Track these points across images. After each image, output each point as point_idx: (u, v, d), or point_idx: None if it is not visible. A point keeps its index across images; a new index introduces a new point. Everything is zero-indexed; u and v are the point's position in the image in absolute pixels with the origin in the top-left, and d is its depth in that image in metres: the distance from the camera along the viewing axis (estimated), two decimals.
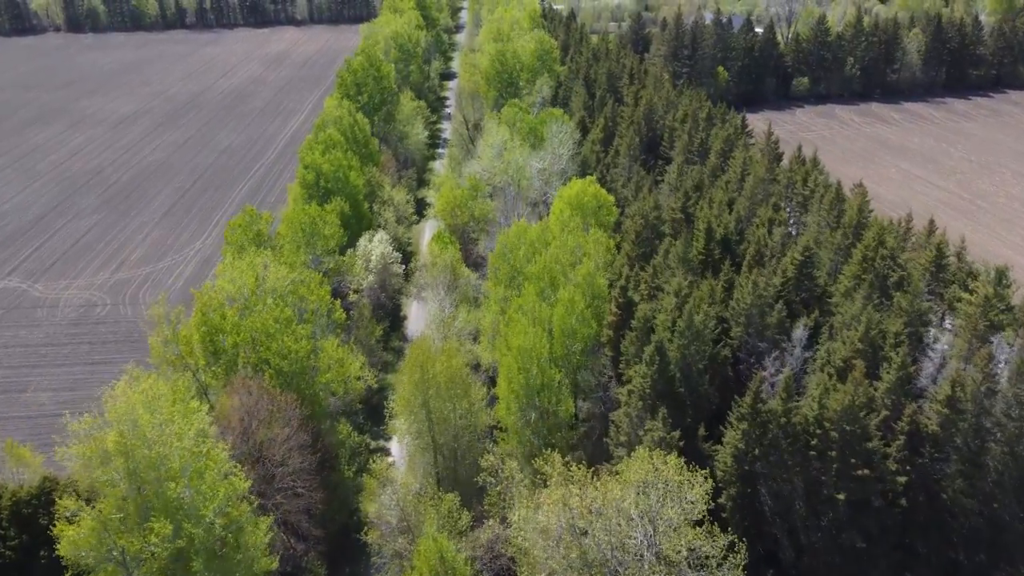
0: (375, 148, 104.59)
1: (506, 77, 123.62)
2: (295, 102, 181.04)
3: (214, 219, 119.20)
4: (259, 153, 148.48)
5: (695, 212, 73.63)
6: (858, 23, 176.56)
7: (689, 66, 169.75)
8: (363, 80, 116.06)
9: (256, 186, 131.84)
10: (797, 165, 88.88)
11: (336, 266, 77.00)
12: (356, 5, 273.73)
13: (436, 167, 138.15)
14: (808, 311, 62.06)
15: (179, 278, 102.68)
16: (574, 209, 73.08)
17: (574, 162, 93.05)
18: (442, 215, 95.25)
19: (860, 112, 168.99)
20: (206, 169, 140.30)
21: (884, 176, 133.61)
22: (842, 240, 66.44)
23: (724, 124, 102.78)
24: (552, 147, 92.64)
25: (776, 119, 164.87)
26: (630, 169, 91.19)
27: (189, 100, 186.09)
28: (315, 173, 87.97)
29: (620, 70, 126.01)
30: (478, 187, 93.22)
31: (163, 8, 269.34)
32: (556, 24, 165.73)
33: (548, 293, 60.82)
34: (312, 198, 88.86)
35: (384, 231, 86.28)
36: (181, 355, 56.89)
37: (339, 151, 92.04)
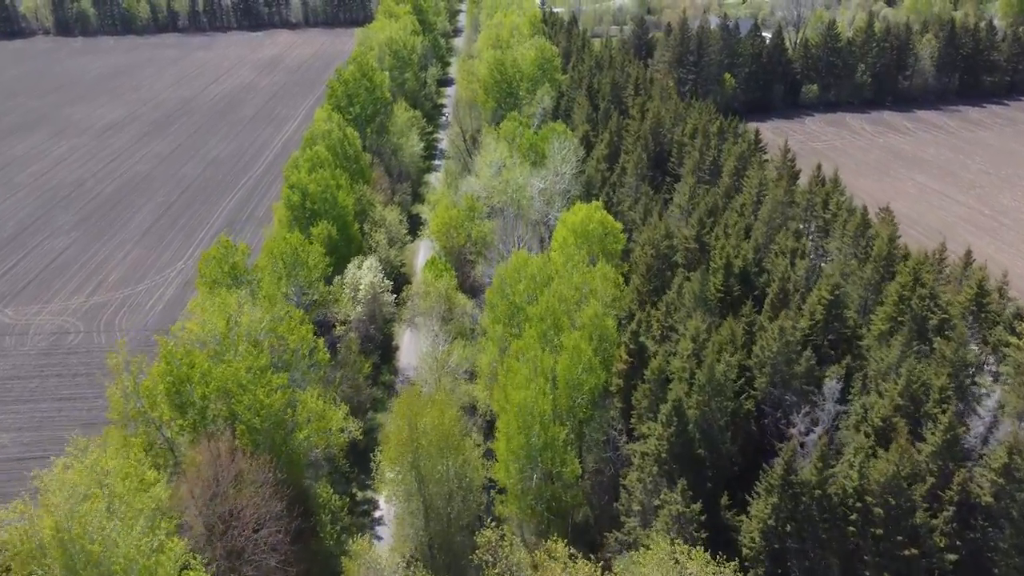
0: (366, 164, 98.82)
1: (505, 87, 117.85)
2: (288, 109, 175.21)
3: (198, 237, 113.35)
4: (248, 163, 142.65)
5: (710, 241, 67.83)
6: (869, 28, 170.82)
7: (695, 73, 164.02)
8: (354, 91, 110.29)
9: (243, 200, 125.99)
10: (816, 186, 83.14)
11: (321, 297, 71.16)
12: (352, 8, 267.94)
13: (432, 180, 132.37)
14: (838, 355, 56.34)
15: (158, 302, 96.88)
16: (578, 237, 67.31)
17: (577, 181, 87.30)
18: (437, 236, 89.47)
19: (872, 121, 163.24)
20: (192, 181, 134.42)
21: (900, 190, 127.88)
22: (872, 275, 60.66)
23: (736, 139, 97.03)
24: (554, 164, 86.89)
25: (785, 128, 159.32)
26: (637, 189, 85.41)
27: (178, 107, 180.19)
28: (301, 194, 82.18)
29: (624, 80, 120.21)
30: (475, 207, 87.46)
31: (154, 11, 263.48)
32: (557, 30, 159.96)
33: (551, 335, 55.03)
34: (297, 220, 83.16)
35: (374, 256, 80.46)
36: (144, 409, 51.09)
37: (327, 170, 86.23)
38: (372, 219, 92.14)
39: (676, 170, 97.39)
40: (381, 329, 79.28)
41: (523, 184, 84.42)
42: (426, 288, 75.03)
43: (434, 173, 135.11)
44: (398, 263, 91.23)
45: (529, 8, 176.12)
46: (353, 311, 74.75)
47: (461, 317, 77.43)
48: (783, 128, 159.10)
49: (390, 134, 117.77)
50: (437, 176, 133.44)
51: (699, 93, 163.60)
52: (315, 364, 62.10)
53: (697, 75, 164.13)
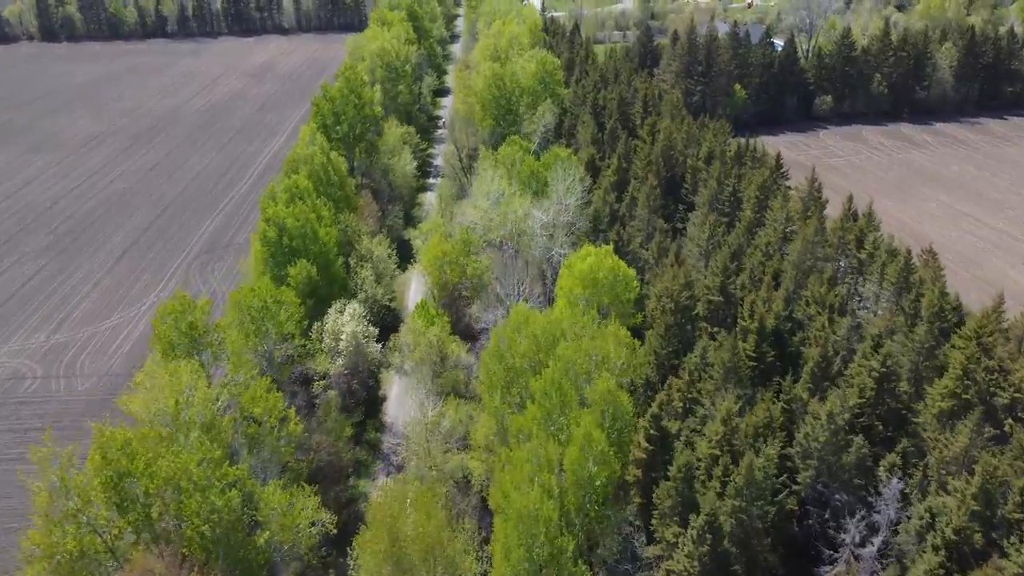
0: (352, 191, 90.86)
1: (504, 103, 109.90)
2: (277, 119, 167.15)
3: (173, 265, 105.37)
4: (233, 180, 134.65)
5: (735, 291, 59.91)
6: (885, 36, 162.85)
7: (703, 84, 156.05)
8: (341, 108, 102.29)
9: (225, 222, 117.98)
10: (848, 220, 75.20)
11: (296, 352, 63.24)
12: (346, 13, 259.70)
13: (427, 200, 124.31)
14: (889, 434, 48.47)
15: (125, 341, 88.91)
16: (586, 287, 59.38)
17: (583, 213, 79.31)
18: (428, 271, 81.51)
19: (889, 134, 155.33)
20: (172, 201, 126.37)
21: (925, 212, 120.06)
22: (926, 337, 52.71)
23: (755, 163, 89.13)
24: (557, 194, 78.93)
25: (798, 142, 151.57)
26: (649, 223, 77.50)
27: (161, 119, 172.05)
28: (277, 229, 74.21)
29: (631, 95, 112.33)
30: (471, 241, 79.50)
31: (142, 16, 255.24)
32: (559, 39, 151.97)
33: (557, 415, 47.12)
34: (274, 258, 75.20)
35: (357, 302, 72.35)
36: (76, 509, 43.16)
37: (307, 200, 78.29)
38: (358, 253, 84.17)
39: (690, 198, 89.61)
40: (365, 382, 71.24)
41: (524, 217, 76.48)
42: (415, 338, 67.04)
43: (429, 193, 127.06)
44: (386, 301, 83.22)
45: (529, 15, 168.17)
46: (333, 365, 66.77)
47: (454, 375, 69.52)
48: (797, 143, 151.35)
49: (380, 154, 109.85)
50: (432, 196, 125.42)
51: (707, 106, 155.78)
52: (286, 436, 54.29)
53: (706, 86, 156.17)
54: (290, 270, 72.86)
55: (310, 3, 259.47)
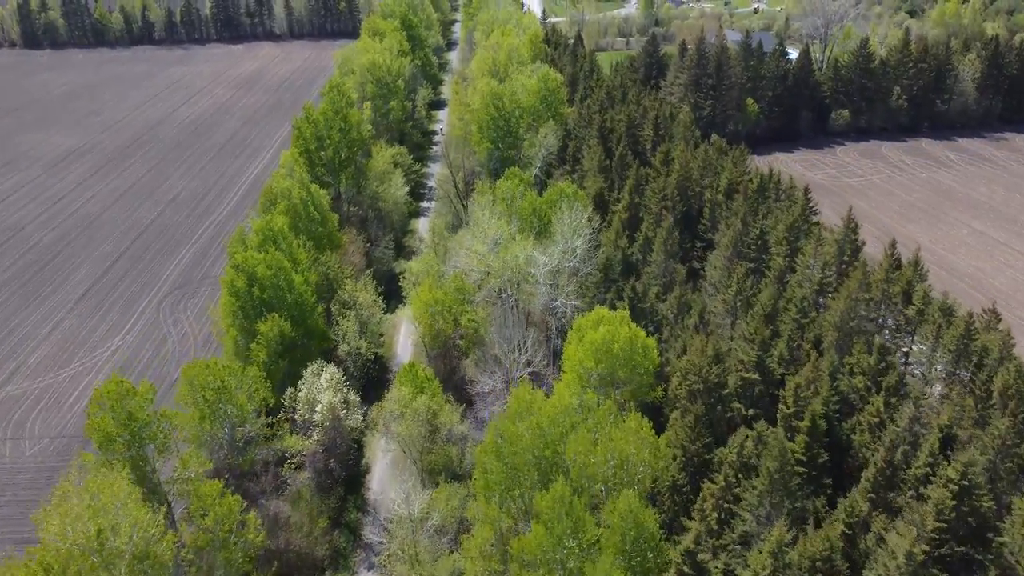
0: (334, 227, 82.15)
1: (502, 124, 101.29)
2: (262, 136, 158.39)
3: (141, 304, 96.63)
4: (212, 205, 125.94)
5: (772, 363, 51.30)
6: (905, 47, 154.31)
7: (713, 98, 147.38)
8: (325, 132, 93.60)
9: (200, 253, 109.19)
10: (891, 268, 66.49)
11: (261, 432, 54.57)
12: (339, 19, 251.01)
13: (420, 227, 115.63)
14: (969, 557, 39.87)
15: (83, 395, 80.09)
16: (599, 359, 50.74)
17: (591, 257, 70.64)
18: (418, 319, 72.98)
19: (910, 151, 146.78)
20: (145, 228, 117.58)
21: (956, 240, 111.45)
22: (1007, 432, 44.09)
23: (782, 198, 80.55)
24: (563, 235, 70.24)
25: (814, 160, 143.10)
26: (666, 269, 68.81)
27: (142, 133, 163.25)
28: (247, 278, 65.52)
29: (641, 115, 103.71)
30: (465, 289, 70.87)
31: (128, 22, 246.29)
32: (561, 51, 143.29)
33: (567, 539, 38.47)
34: (243, 310, 66.55)
35: (339, 361, 63.57)
36: None
37: (283, 243, 69.64)
38: (340, 299, 75.47)
39: (708, 235, 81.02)
40: (345, 458, 62.40)
41: (525, 263, 67.83)
42: (400, 408, 58.36)
43: (422, 218, 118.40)
44: (370, 355, 74.39)
45: (529, 24, 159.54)
46: (307, 440, 58.11)
47: (448, 439, 60.97)
48: (813, 160, 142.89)
49: (369, 180, 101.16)
50: (425, 223, 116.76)
51: (718, 121, 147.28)
52: (244, 544, 45.61)
53: (716, 100, 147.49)
54: (260, 326, 64.26)
55: (302, 9, 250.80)
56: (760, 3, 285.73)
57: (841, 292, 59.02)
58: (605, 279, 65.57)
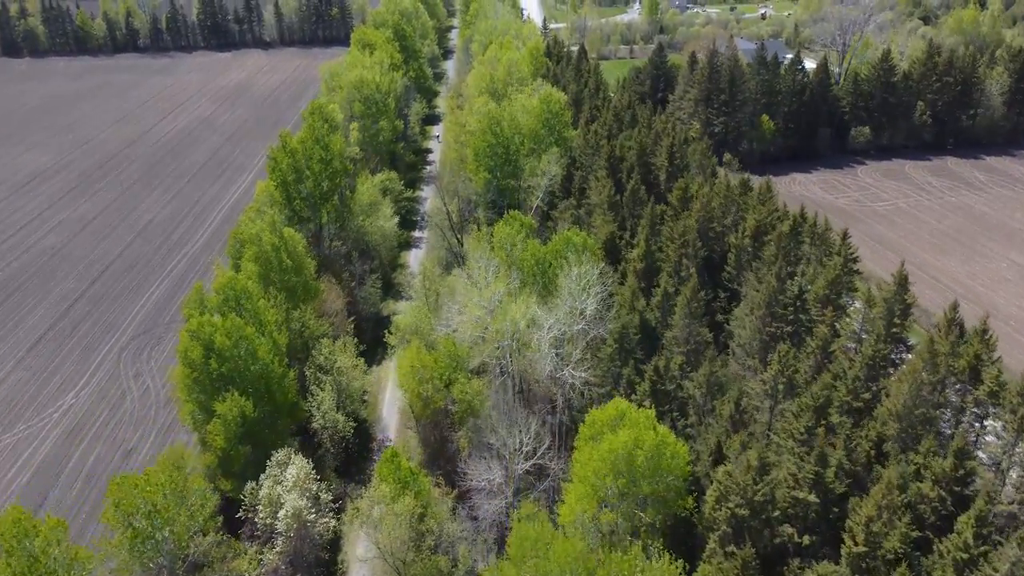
0: (311, 276, 72.56)
1: (501, 152, 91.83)
2: (244, 155, 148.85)
3: (100, 352, 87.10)
4: (186, 234, 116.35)
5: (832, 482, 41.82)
6: (929, 59, 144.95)
7: (726, 114, 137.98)
8: (304, 164, 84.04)
9: (169, 292, 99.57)
10: (952, 333, 57.06)
11: (209, 552, 45.07)
12: (332, 26, 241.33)
13: (411, 260, 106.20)
14: None
15: (28, 463, 70.91)
16: (619, 473, 41.27)
17: (602, 317, 61.13)
18: (405, 387, 63.56)
19: (935, 171, 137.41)
20: (111, 262, 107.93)
21: (995, 275, 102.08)
22: None
23: (817, 242, 71.07)
24: (570, 292, 60.73)
25: (835, 181, 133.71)
26: (691, 334, 59.32)
27: (118, 151, 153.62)
28: (204, 347, 56.01)
29: (653, 142, 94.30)
30: (458, 355, 61.39)
31: (111, 29, 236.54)
32: (564, 65, 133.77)
33: None
34: (200, 384, 57.10)
35: (301, 460, 53.86)
36: None
37: (247, 305, 60.15)
38: (316, 363, 65.92)
39: (733, 285, 71.67)
40: (313, 572, 52.70)
41: (526, 328, 58.35)
42: (382, 515, 48.80)
43: (414, 250, 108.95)
44: (348, 430, 64.70)
45: (529, 35, 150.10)
46: (268, 552, 48.58)
47: (436, 545, 51.47)
48: (833, 182, 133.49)
49: (353, 214, 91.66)
50: (417, 255, 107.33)
51: (730, 139, 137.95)
52: None
53: (729, 116, 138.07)
54: (217, 405, 54.78)
55: (293, 15, 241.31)
56: (767, 8, 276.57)
57: (904, 375, 49.55)
58: (620, 349, 56.09)
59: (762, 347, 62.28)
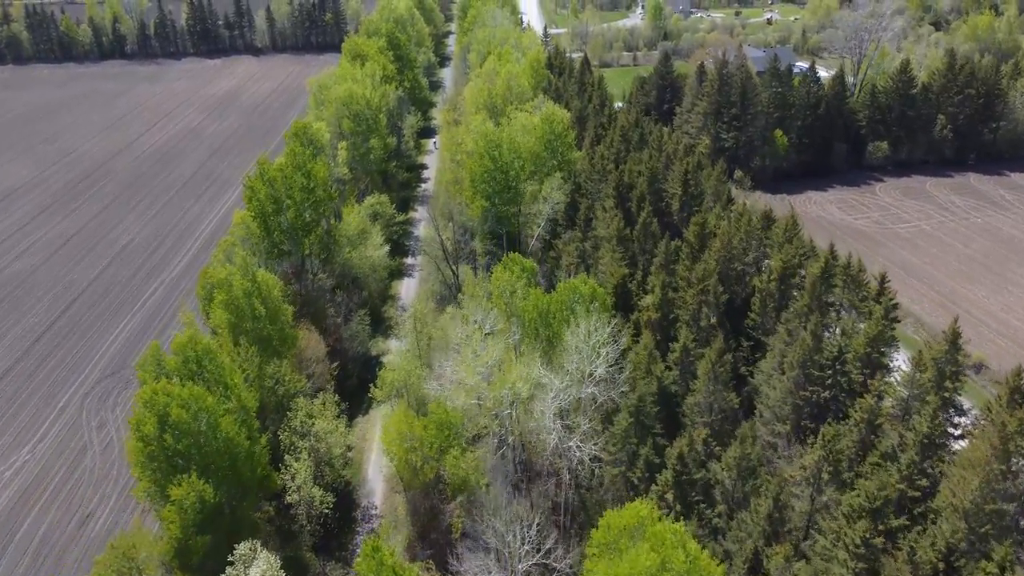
0: (288, 323, 65.31)
1: (500, 178, 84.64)
2: (231, 169, 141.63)
3: (62, 397, 79.93)
4: (166, 257, 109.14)
5: None
6: (949, 71, 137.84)
7: (737, 128, 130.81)
8: (284, 193, 76.83)
9: (143, 324, 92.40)
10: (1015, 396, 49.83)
11: None
12: (325, 31, 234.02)
13: (403, 291, 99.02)
14: None
15: None
16: None
17: (614, 380, 53.95)
18: (391, 454, 56.52)
19: (957, 188, 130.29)
20: (83, 290, 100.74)
21: None
22: None
23: (852, 286, 63.91)
24: (577, 349, 53.57)
25: (852, 200, 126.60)
26: (715, 401, 52.18)
27: (98, 165, 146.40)
28: (158, 420, 48.82)
29: (664, 166, 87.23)
30: (451, 422, 54.21)
31: (97, 35, 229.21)
32: (566, 78, 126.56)
33: None
34: (154, 460, 49.95)
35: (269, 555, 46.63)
36: None
37: (209, 367, 52.98)
38: (292, 427, 58.71)
39: (757, 334, 64.56)
40: None
41: (528, 394, 51.23)
42: None
43: (406, 279, 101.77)
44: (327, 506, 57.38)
45: (529, 45, 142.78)
46: None
47: None
48: (850, 200, 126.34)
49: (339, 245, 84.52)
50: (410, 285, 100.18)
51: (741, 155, 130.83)
52: None
53: (740, 131, 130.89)
54: (172, 490, 47.60)
55: (285, 21, 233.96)
56: (773, 13, 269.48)
57: (967, 462, 42.41)
58: (637, 423, 48.89)
59: (794, 411, 55.21)
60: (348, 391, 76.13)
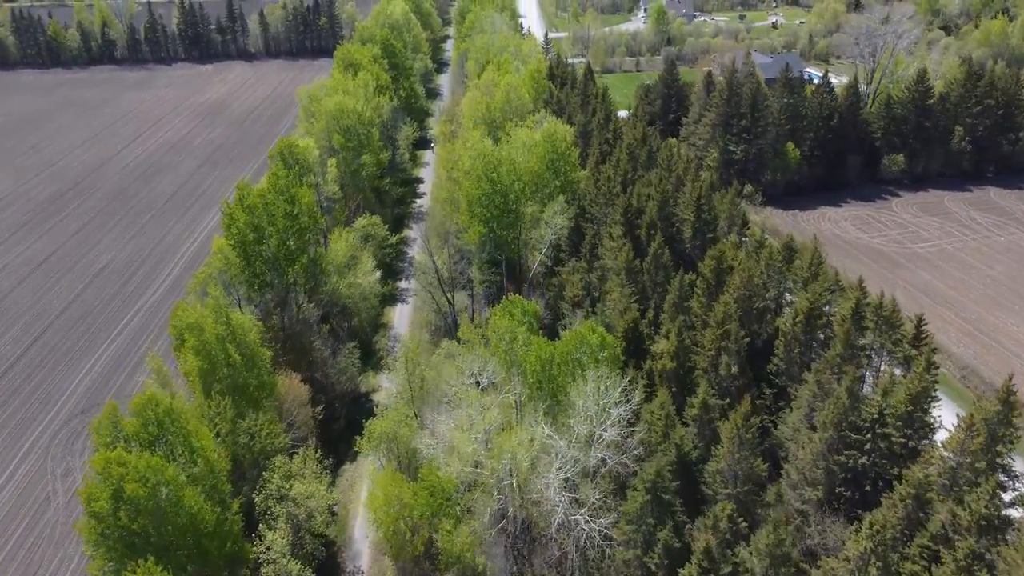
0: (266, 368, 59.41)
1: (499, 202, 78.84)
2: (218, 182, 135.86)
3: (28, 439, 74.06)
4: (146, 280, 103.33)
5: None
6: (968, 80, 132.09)
7: (747, 141, 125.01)
8: (265, 221, 70.96)
9: (118, 357, 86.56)
10: None
11: None
12: (320, 35, 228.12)
13: (395, 318, 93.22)
14: None
15: None
16: None
17: (625, 442, 48.16)
18: (378, 522, 50.78)
19: (978, 204, 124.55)
20: (56, 316, 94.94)
21: None
22: None
23: (886, 327, 58.15)
24: (585, 411, 47.80)
25: (868, 216, 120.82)
26: (739, 470, 46.42)
27: (80, 179, 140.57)
28: (112, 496, 43.03)
29: (675, 185, 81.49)
30: (444, 489, 48.43)
31: (86, 40, 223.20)
32: (569, 89, 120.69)
33: None
34: (106, 539, 44.16)
35: None
36: None
37: (171, 429, 47.20)
38: (269, 492, 52.85)
39: (781, 381, 58.81)
40: None
41: (531, 464, 45.46)
42: None
43: (400, 305, 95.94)
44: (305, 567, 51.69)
45: (529, 52, 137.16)
46: None
47: None
48: (866, 217, 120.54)
49: (326, 273, 78.74)
50: (403, 312, 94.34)
51: (751, 168, 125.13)
52: None
53: (750, 144, 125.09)
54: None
55: (279, 25, 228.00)
56: (777, 17, 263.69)
57: None
58: (654, 501, 43.08)
59: (827, 476, 49.46)
60: (334, 436, 70.54)
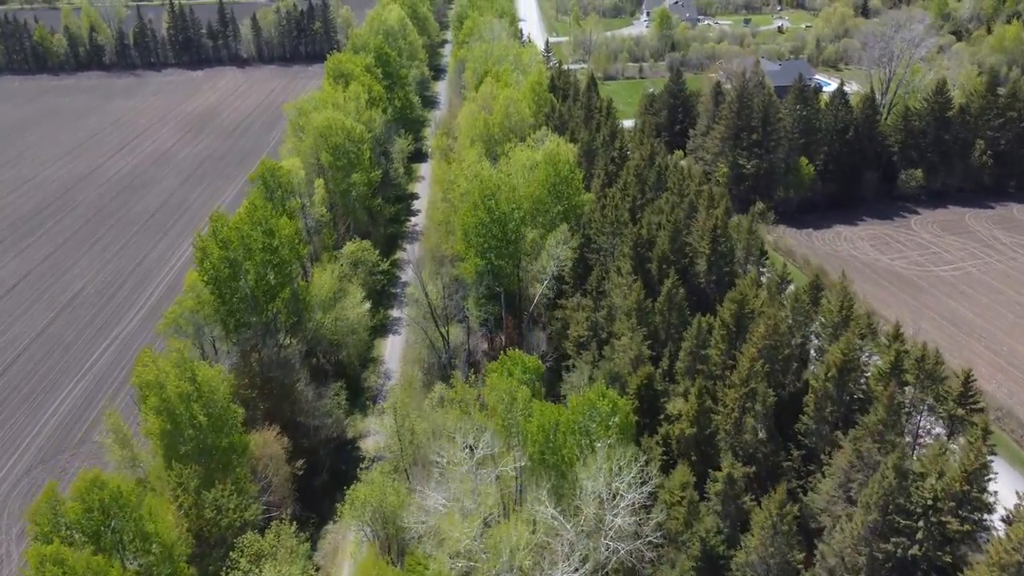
0: (237, 425, 53.20)
1: (497, 232, 72.70)
2: (203, 198, 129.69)
3: None
4: (121, 307, 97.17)
5: None
6: (989, 91, 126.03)
7: (758, 156, 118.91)
8: (242, 256, 64.83)
9: (87, 395, 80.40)
10: None
11: None
12: (314, 41, 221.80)
13: (387, 352, 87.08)
14: None
15: None
16: None
17: (640, 523, 42.03)
18: None
19: (1001, 221, 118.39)
20: (23, 350, 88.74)
21: None
22: None
23: (929, 383, 52.04)
24: (594, 492, 41.67)
25: (886, 236, 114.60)
26: (770, 561, 40.26)
27: (59, 195, 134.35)
28: None
29: (688, 212, 75.38)
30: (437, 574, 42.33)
31: (73, 45, 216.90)
32: (571, 102, 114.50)
33: None
34: None
35: None
36: None
37: (124, 516, 41.09)
38: (241, 569, 46.75)
39: (811, 440, 52.70)
40: None
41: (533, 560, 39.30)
42: None
43: (391, 337, 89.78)
44: None
45: (530, 62, 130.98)
46: None
47: None
48: (884, 237, 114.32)
49: (309, 308, 72.61)
50: (394, 344, 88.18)
51: (762, 184, 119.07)
52: None
53: (761, 159, 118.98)
54: None
55: (272, 30, 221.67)
56: (783, 21, 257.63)
57: None
58: None
59: (870, 563, 43.32)
60: (316, 492, 64.38)
